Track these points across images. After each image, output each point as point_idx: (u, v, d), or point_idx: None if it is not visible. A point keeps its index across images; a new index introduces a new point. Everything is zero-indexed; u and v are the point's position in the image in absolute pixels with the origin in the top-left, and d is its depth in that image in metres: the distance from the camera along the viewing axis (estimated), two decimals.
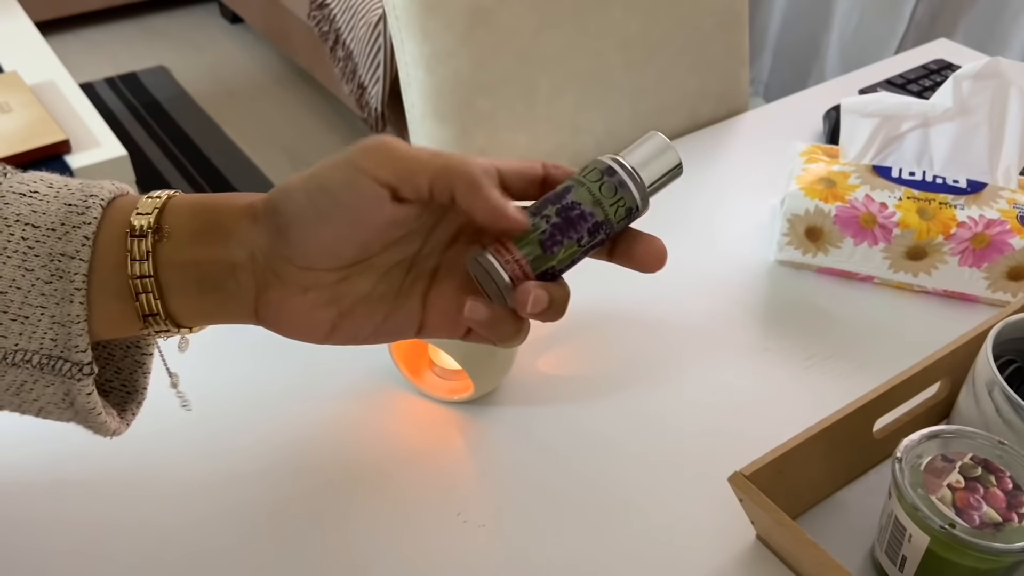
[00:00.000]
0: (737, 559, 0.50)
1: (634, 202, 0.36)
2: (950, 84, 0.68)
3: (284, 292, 0.35)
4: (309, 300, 0.35)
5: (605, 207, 0.35)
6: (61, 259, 0.34)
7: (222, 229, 0.35)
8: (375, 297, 0.36)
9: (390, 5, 0.76)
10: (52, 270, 0.33)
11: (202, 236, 0.35)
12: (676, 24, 0.88)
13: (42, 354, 0.34)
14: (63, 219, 0.34)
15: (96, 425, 0.37)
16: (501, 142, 0.82)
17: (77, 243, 0.34)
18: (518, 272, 0.34)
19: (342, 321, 0.36)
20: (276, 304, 0.35)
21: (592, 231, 0.35)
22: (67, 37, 2.60)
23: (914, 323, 0.66)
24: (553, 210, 0.35)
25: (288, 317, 0.35)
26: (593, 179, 0.35)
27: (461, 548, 0.50)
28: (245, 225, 0.35)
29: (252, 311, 0.36)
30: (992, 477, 0.44)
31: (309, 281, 0.35)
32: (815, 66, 2.09)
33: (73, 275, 0.33)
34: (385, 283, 0.36)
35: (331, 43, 1.87)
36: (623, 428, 0.58)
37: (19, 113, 1.23)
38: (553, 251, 0.35)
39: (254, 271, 0.35)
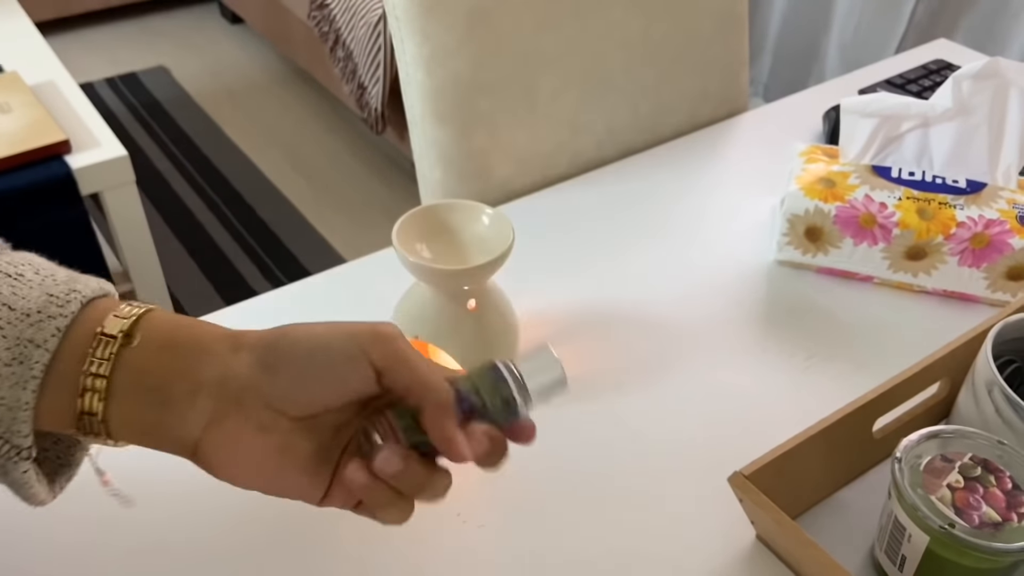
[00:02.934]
0: (737, 559, 0.50)
1: (511, 395, 0.38)
2: (950, 84, 0.68)
3: (241, 426, 0.35)
4: (261, 442, 0.36)
5: (482, 393, 0.38)
6: (27, 345, 0.34)
7: (198, 347, 0.36)
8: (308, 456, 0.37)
9: (390, 5, 0.77)
10: (15, 354, 0.34)
11: (174, 348, 0.36)
12: (676, 24, 0.88)
13: None
14: (41, 307, 0.34)
15: (27, 497, 0.37)
16: (501, 142, 0.82)
17: (47, 333, 0.34)
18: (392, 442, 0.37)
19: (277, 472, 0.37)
20: (228, 435, 0.36)
21: (467, 413, 0.37)
22: (67, 37, 2.61)
23: (914, 323, 0.67)
24: None
25: (234, 452, 0.36)
26: (479, 369, 0.38)
27: (461, 548, 0.50)
28: (222, 350, 0.36)
29: (193, 440, 0.36)
30: (991, 477, 0.44)
31: (268, 422, 0.36)
32: (815, 66, 2.09)
33: (33, 363, 0.34)
34: (317, 444, 0.37)
35: (331, 43, 1.87)
36: (623, 428, 0.58)
37: (19, 113, 1.23)
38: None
39: (218, 396, 0.35)
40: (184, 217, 1.93)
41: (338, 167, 2.12)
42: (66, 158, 1.21)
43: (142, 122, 2.26)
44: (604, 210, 0.78)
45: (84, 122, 1.29)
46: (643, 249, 0.74)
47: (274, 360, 0.36)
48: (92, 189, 1.23)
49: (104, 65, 2.50)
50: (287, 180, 2.07)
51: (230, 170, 2.09)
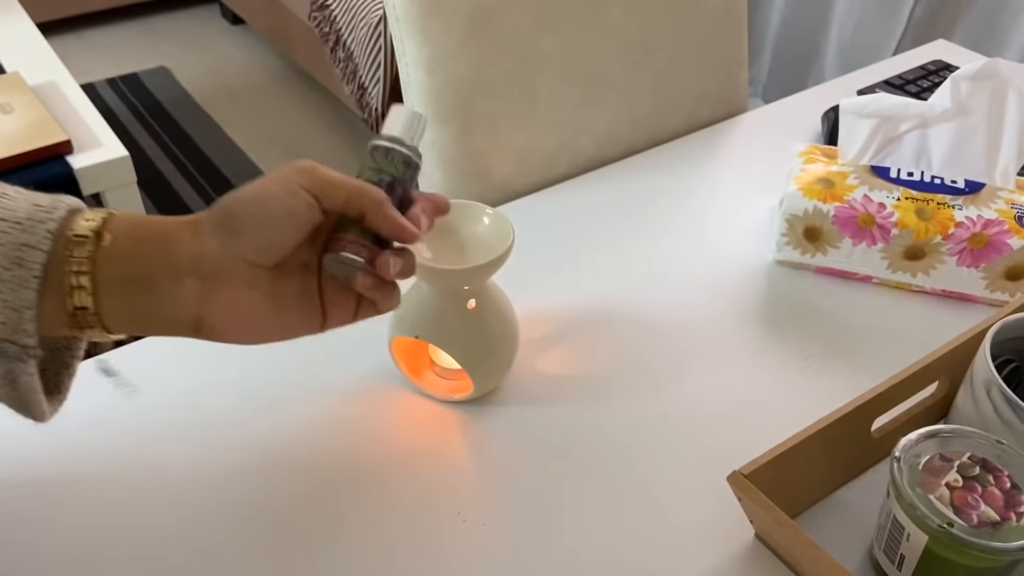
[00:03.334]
0: (736, 558, 0.50)
1: (404, 155, 0.44)
2: (948, 85, 0.68)
3: (233, 291, 0.39)
4: (255, 296, 0.40)
5: (387, 169, 0.43)
6: (23, 249, 0.36)
7: (161, 236, 0.39)
8: (296, 296, 0.42)
9: (390, 6, 0.77)
10: (13, 259, 0.36)
11: (141, 241, 0.39)
12: (675, 25, 0.88)
13: None
14: (30, 215, 0.37)
15: (32, 404, 0.39)
16: (501, 142, 0.82)
17: (40, 235, 0.37)
18: (359, 249, 0.42)
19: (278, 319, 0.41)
20: (226, 303, 0.39)
21: (389, 190, 0.43)
22: (68, 38, 2.61)
23: (912, 323, 0.67)
24: None
25: (239, 314, 0.40)
26: (368, 161, 0.44)
27: (461, 547, 0.50)
28: (187, 235, 0.39)
29: (191, 316, 0.39)
30: (990, 476, 0.45)
31: (252, 277, 0.40)
32: (814, 67, 2.09)
33: (32, 263, 0.36)
34: (298, 284, 0.42)
35: (332, 44, 1.87)
36: (622, 428, 0.58)
37: (21, 114, 1.24)
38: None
39: (201, 274, 0.39)
40: None
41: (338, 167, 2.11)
42: (68, 158, 1.21)
43: (143, 122, 2.26)
44: (604, 210, 0.78)
45: (85, 122, 1.30)
46: (643, 249, 0.74)
47: (234, 223, 0.39)
48: (93, 189, 1.23)
49: (105, 66, 2.50)
50: None
51: (231, 170, 2.10)
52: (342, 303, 0.43)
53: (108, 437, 0.55)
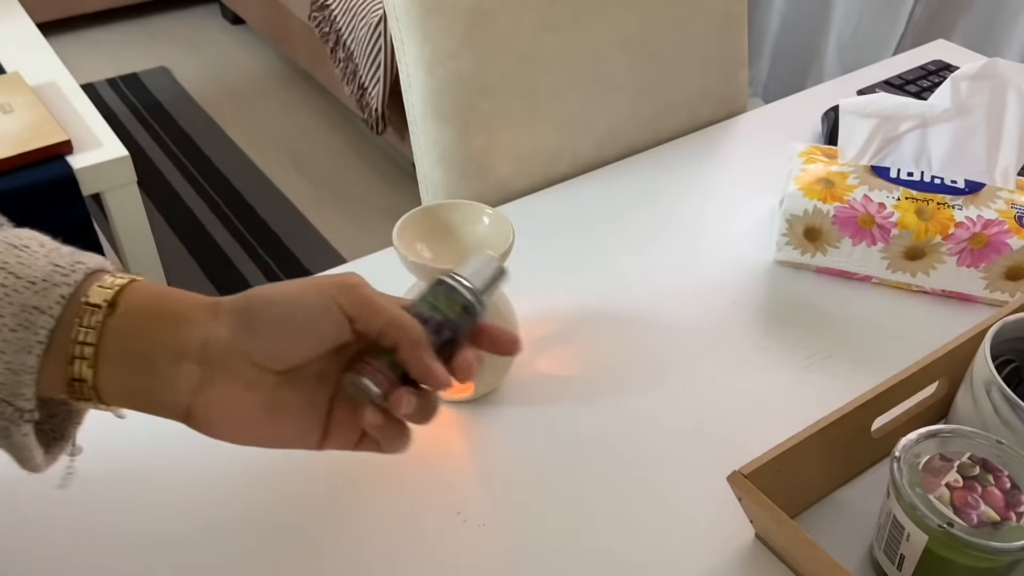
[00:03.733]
0: (736, 558, 0.50)
1: (465, 300, 0.41)
2: (948, 85, 0.68)
3: (230, 386, 0.37)
4: (251, 398, 0.38)
5: (442, 309, 0.40)
6: (32, 312, 0.35)
7: (174, 316, 0.38)
8: (297, 406, 0.39)
9: (390, 6, 0.77)
10: (20, 320, 0.35)
11: (156, 318, 0.37)
12: (676, 25, 0.88)
13: None
14: (46, 276, 0.36)
15: (25, 460, 0.38)
16: (501, 142, 0.82)
17: (52, 300, 0.35)
18: (382, 379, 0.39)
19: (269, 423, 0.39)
20: (219, 396, 0.37)
21: (437, 330, 0.40)
22: (69, 38, 2.61)
23: (912, 323, 0.67)
24: None
25: (228, 411, 0.38)
26: (428, 292, 0.41)
27: (461, 547, 0.50)
28: (202, 317, 0.38)
29: (184, 405, 0.37)
30: (990, 476, 0.45)
31: (254, 378, 0.37)
32: (814, 67, 2.09)
33: (39, 328, 0.35)
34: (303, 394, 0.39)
35: (332, 44, 1.88)
36: (622, 428, 0.58)
37: (21, 114, 1.24)
38: None
39: (202, 361, 0.37)
40: (185, 217, 1.94)
41: (339, 167, 2.12)
42: (68, 158, 1.21)
43: (143, 122, 2.26)
44: (604, 210, 0.78)
45: (86, 122, 1.30)
46: (643, 249, 0.74)
47: (253, 320, 0.37)
48: (94, 189, 1.23)
49: (106, 66, 2.50)
50: (288, 180, 2.07)
51: (231, 170, 2.10)
52: (348, 427, 0.41)
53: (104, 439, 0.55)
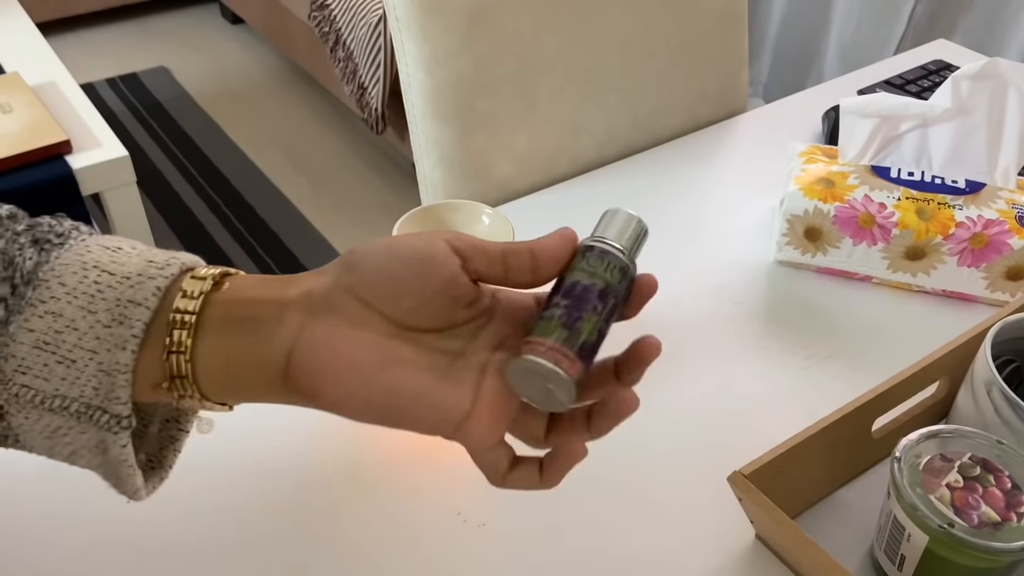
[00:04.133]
0: (736, 558, 0.50)
1: (622, 262, 0.38)
2: (949, 85, 0.68)
3: (333, 324, 0.34)
4: (357, 336, 0.34)
5: (601, 275, 0.37)
6: (128, 305, 0.33)
7: (284, 282, 0.36)
8: (421, 367, 0.34)
9: (390, 6, 0.77)
10: (115, 315, 0.33)
11: (260, 286, 0.36)
12: (676, 25, 0.88)
13: (81, 402, 0.33)
14: (141, 270, 0.34)
15: (124, 479, 0.36)
16: (501, 143, 0.82)
17: (148, 291, 0.33)
18: (559, 358, 0.34)
19: (384, 372, 0.33)
20: (321, 334, 0.34)
21: (602, 297, 0.37)
22: (68, 38, 2.61)
23: (913, 323, 0.67)
24: (560, 296, 0.36)
25: (331, 349, 0.33)
26: (580, 260, 0.38)
27: (461, 548, 0.50)
28: (308, 277, 0.36)
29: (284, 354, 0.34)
30: (991, 476, 0.45)
31: (363, 318, 0.34)
32: (814, 67, 2.09)
33: (134, 321, 0.33)
34: (429, 360, 0.35)
35: (331, 44, 1.87)
36: (622, 428, 0.58)
37: (20, 113, 1.24)
38: (578, 327, 0.36)
39: (306, 307, 0.34)
40: (185, 217, 1.94)
41: (338, 167, 2.12)
42: (67, 158, 1.21)
43: (143, 122, 2.26)
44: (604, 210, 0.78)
45: (85, 122, 1.29)
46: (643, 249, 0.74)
47: (354, 262, 0.35)
48: (93, 189, 1.23)
49: (105, 65, 2.50)
50: (287, 180, 2.07)
51: (231, 170, 2.10)
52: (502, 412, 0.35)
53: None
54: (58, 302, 0.33)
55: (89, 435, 0.34)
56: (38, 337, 0.32)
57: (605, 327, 0.37)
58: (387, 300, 0.34)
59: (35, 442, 0.35)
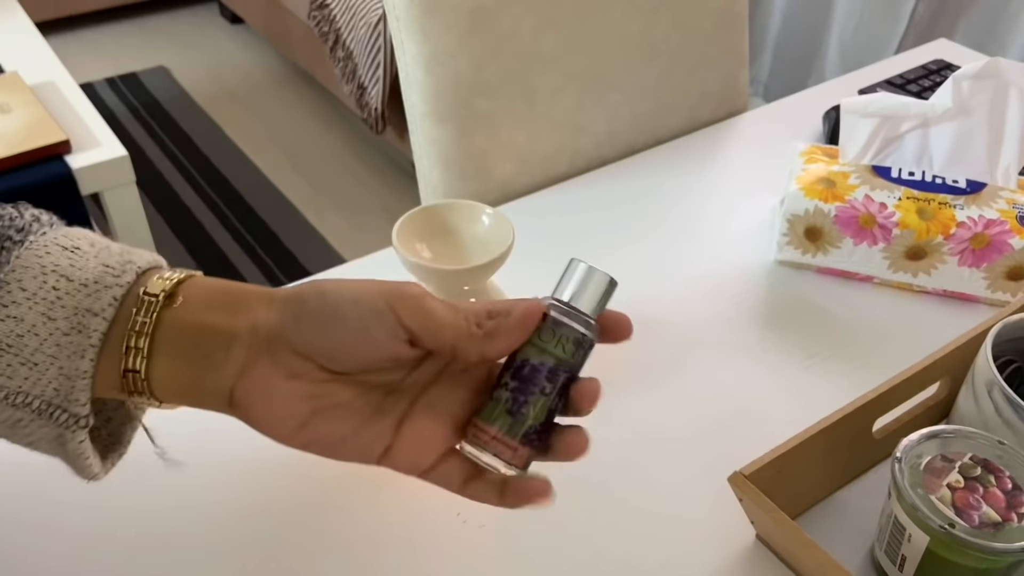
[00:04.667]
0: (737, 559, 0.50)
1: (576, 332, 0.36)
2: (950, 84, 0.68)
3: (271, 371, 0.36)
4: (291, 387, 0.36)
5: (551, 351, 0.36)
6: (85, 315, 0.35)
7: (235, 305, 0.37)
8: (353, 407, 0.37)
9: (390, 5, 0.77)
10: (73, 323, 0.34)
11: (213, 307, 0.37)
12: (676, 24, 0.88)
13: (43, 400, 0.34)
14: (97, 278, 0.35)
15: (82, 468, 0.38)
16: (501, 142, 0.82)
17: (105, 302, 0.35)
18: (503, 449, 0.35)
19: (314, 419, 0.36)
20: (259, 381, 0.36)
21: (551, 376, 0.36)
22: (67, 37, 2.61)
23: (913, 323, 0.67)
24: (508, 376, 0.36)
25: (266, 398, 0.36)
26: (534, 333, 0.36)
27: (461, 548, 0.50)
28: (258, 305, 0.37)
29: (228, 388, 0.36)
30: (991, 477, 0.44)
31: (299, 369, 0.36)
32: (815, 66, 2.09)
33: (92, 331, 0.34)
34: (364, 399, 0.37)
35: (331, 43, 1.87)
36: (622, 428, 0.58)
37: (19, 113, 1.23)
38: (523, 412, 0.36)
39: (250, 344, 0.36)
40: (184, 217, 1.94)
41: (338, 167, 2.12)
42: (66, 158, 1.21)
43: (142, 122, 2.26)
44: (604, 210, 0.78)
45: (84, 122, 1.29)
46: (643, 249, 0.74)
47: (301, 311, 0.36)
48: (92, 189, 1.23)
49: (104, 65, 2.50)
50: (287, 180, 2.07)
51: (230, 170, 2.09)
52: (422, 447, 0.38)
53: None
54: (19, 307, 0.34)
55: (48, 429, 0.35)
56: (0, 340, 0.34)
57: (557, 403, 0.37)
58: (325, 358, 0.36)
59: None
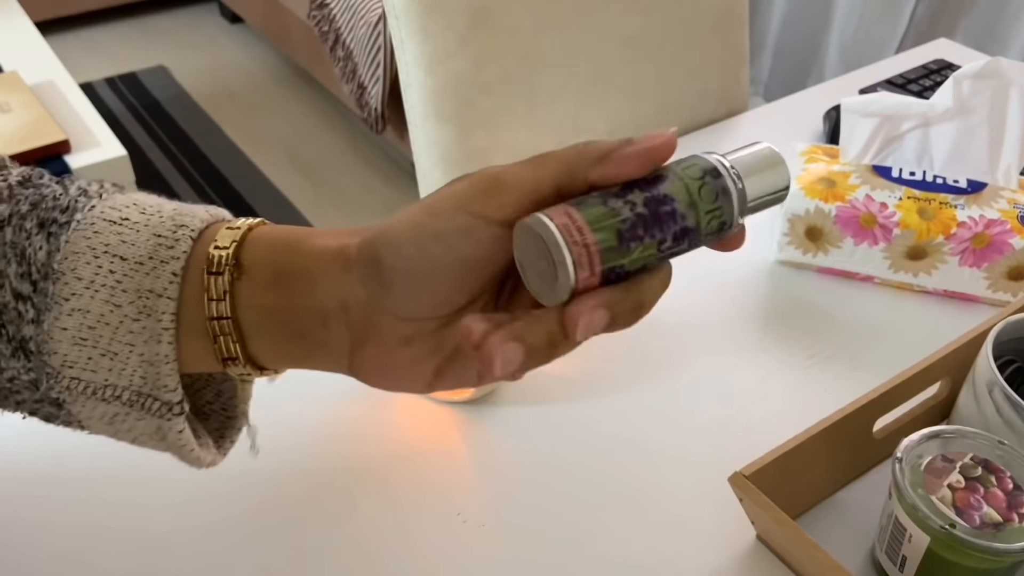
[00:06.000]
0: (737, 559, 0.50)
1: (731, 216, 0.30)
2: (950, 84, 0.68)
3: (384, 347, 0.32)
4: (412, 352, 0.32)
5: (700, 213, 0.29)
6: (149, 296, 0.32)
7: (305, 274, 0.33)
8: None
9: (390, 5, 0.76)
10: (140, 307, 0.32)
11: (283, 279, 0.33)
12: (676, 24, 0.88)
13: (132, 390, 0.33)
14: (152, 252, 0.32)
15: (188, 459, 0.36)
16: (501, 142, 0.82)
17: (165, 280, 0.32)
18: (584, 259, 0.27)
19: (446, 367, 0.33)
20: (375, 360, 0.33)
21: (677, 236, 0.29)
22: (67, 37, 2.60)
23: (914, 323, 0.66)
24: (641, 198, 0.29)
25: (389, 372, 0.33)
26: (693, 175, 0.29)
27: (461, 548, 0.50)
28: (334, 273, 0.32)
29: (345, 363, 0.34)
30: (992, 477, 0.44)
31: (411, 331, 0.32)
32: (815, 66, 2.09)
33: (161, 314, 0.32)
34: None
35: (331, 43, 1.87)
36: (622, 428, 0.58)
37: (19, 113, 1.23)
38: (630, 246, 0.28)
39: (348, 323, 0.32)
40: None
41: (338, 167, 2.12)
42: (66, 158, 1.21)
43: (142, 122, 2.26)
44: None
45: (84, 122, 1.29)
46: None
47: (384, 275, 0.31)
48: None
49: (104, 65, 2.50)
50: (287, 180, 2.07)
51: (230, 170, 2.09)
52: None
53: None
54: (80, 298, 0.32)
55: (146, 422, 0.33)
56: (73, 335, 0.32)
57: (655, 264, 0.30)
58: (436, 310, 0.32)
59: (99, 428, 0.35)
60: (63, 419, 0.35)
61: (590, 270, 0.28)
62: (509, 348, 0.29)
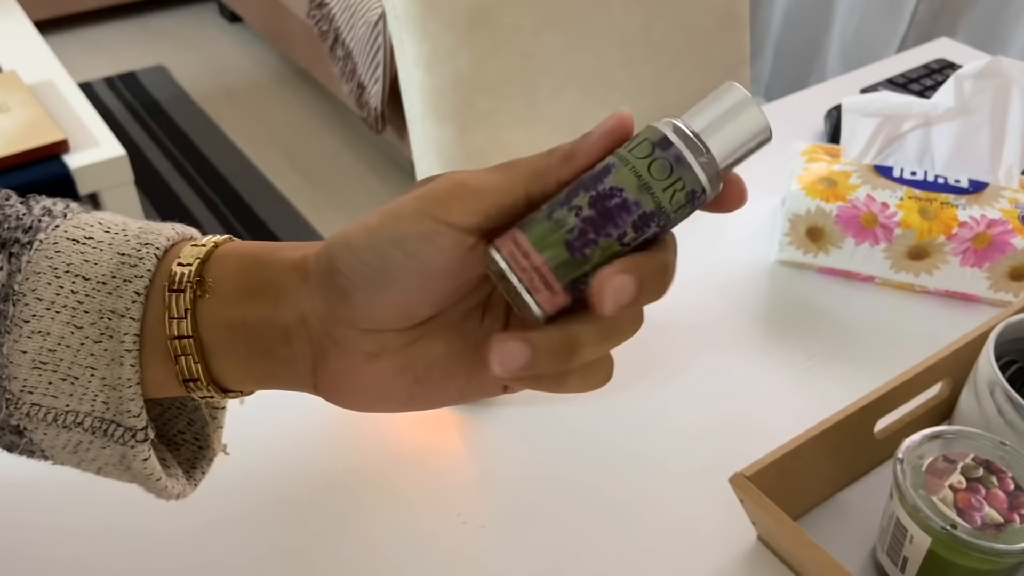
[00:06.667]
0: (738, 560, 0.50)
1: (697, 184, 0.26)
2: (951, 83, 0.68)
3: (347, 361, 0.31)
4: (378, 370, 0.31)
5: (656, 192, 0.26)
6: (111, 316, 0.31)
7: (271, 287, 0.31)
8: (453, 356, 0.31)
9: (389, 4, 0.76)
10: (102, 328, 0.31)
11: (248, 295, 0.32)
12: (677, 23, 0.88)
13: (94, 416, 0.31)
14: (115, 271, 0.31)
15: (155, 489, 0.34)
16: (501, 141, 0.82)
17: (127, 300, 0.31)
18: (536, 282, 0.26)
19: (420, 388, 0.31)
20: (340, 376, 0.31)
21: (638, 225, 0.26)
22: (66, 36, 2.60)
23: (915, 323, 0.66)
24: (586, 199, 0.26)
25: (356, 390, 0.31)
26: (640, 154, 0.26)
27: (461, 549, 0.50)
28: (295, 284, 0.31)
29: (311, 381, 0.32)
30: (994, 478, 0.44)
31: (375, 346, 0.30)
32: (816, 65, 2.09)
33: (123, 335, 0.31)
34: (460, 339, 0.31)
35: (330, 42, 1.87)
36: (623, 429, 0.58)
37: (17, 112, 1.23)
38: (584, 254, 0.26)
39: (308, 338, 0.31)
40: (183, 217, 1.93)
41: (337, 166, 2.12)
42: (64, 158, 1.21)
43: (141, 121, 2.26)
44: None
45: (82, 121, 1.29)
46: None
47: (341, 283, 0.29)
48: (90, 189, 1.23)
49: (103, 64, 2.49)
50: (286, 179, 2.07)
51: (229, 169, 2.09)
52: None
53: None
54: (41, 320, 0.31)
55: (110, 450, 0.32)
56: (33, 358, 0.31)
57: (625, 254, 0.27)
58: (397, 320, 0.30)
59: (62, 458, 0.33)
60: (24, 448, 0.33)
61: (548, 290, 0.26)
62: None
